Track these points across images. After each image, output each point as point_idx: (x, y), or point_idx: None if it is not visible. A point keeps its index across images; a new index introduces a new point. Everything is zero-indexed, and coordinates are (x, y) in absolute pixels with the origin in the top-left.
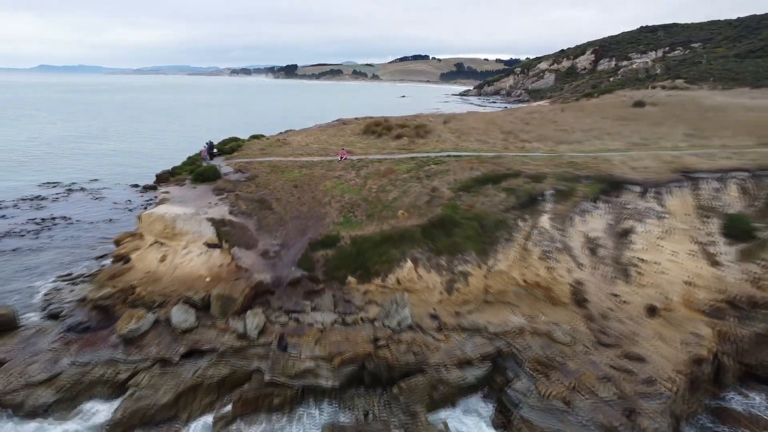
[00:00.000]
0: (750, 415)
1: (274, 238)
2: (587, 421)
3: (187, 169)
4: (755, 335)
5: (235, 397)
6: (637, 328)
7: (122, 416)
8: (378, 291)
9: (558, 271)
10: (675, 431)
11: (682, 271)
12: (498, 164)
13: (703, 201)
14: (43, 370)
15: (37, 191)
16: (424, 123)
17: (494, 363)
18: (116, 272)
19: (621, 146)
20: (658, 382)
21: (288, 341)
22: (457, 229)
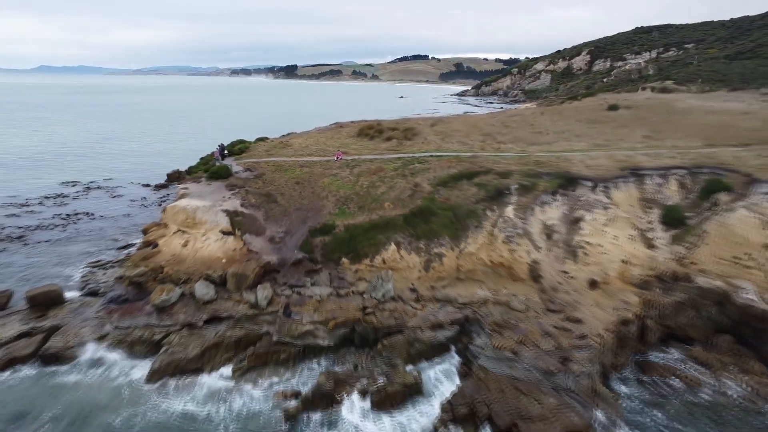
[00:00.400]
0: (666, 366)
1: (279, 226)
2: (530, 366)
3: (202, 168)
4: (675, 303)
5: (249, 353)
6: (579, 297)
7: (159, 366)
8: (367, 269)
9: (518, 253)
10: (603, 377)
11: (620, 252)
12: (473, 163)
13: (647, 194)
14: (92, 332)
15: (59, 189)
16: (412, 126)
17: (462, 327)
18: (147, 255)
19: (585, 147)
20: (589, 337)
21: (291, 309)
22: (434, 218)
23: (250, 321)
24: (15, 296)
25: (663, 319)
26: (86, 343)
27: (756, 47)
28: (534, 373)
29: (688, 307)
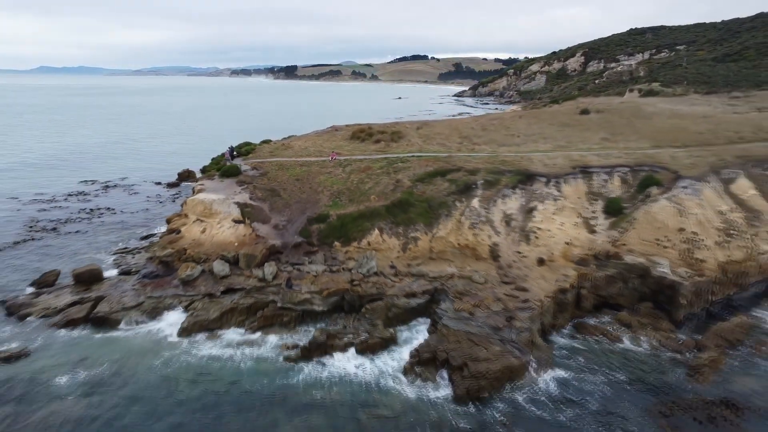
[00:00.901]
0: (596, 326)
1: (282, 216)
2: (482, 324)
3: (215, 167)
4: (607, 276)
5: (258, 316)
6: (529, 272)
7: (187, 325)
8: (354, 250)
9: (481, 237)
10: (543, 333)
11: (565, 236)
12: (447, 162)
13: (594, 188)
14: (131, 300)
15: (79, 188)
16: (399, 130)
17: (431, 296)
18: (172, 240)
19: (548, 148)
20: (531, 302)
21: (293, 282)
22: (412, 208)
23: (258, 291)
24: (61, 275)
25: (596, 290)
26: (127, 309)
27: (742, 50)
28: (485, 329)
29: (617, 280)
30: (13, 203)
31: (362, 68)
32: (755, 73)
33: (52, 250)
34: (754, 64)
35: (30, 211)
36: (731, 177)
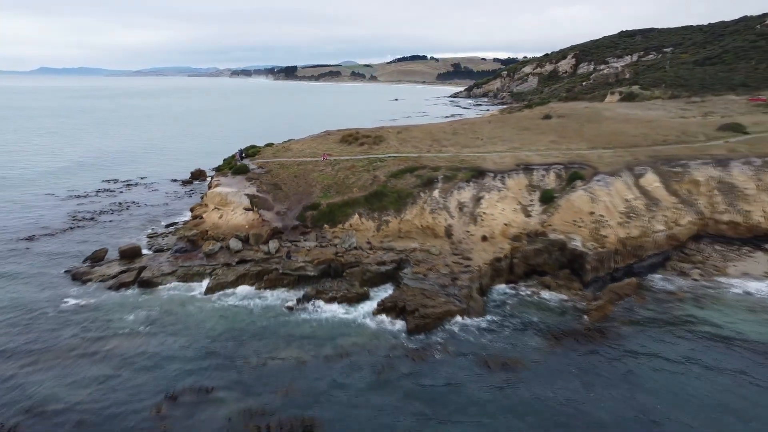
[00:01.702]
0: (526, 287)
1: (282, 204)
2: (433, 283)
3: (228, 166)
4: (535, 249)
5: (264, 279)
6: (474, 246)
7: (211, 285)
8: (340, 231)
9: (439, 220)
10: (481, 291)
11: (504, 218)
12: (416, 161)
13: (533, 182)
14: (167, 269)
15: (105, 186)
16: (381, 134)
17: (398, 264)
18: (196, 223)
19: (503, 149)
20: (472, 267)
21: (291, 254)
22: (385, 198)
23: (264, 262)
24: (108, 252)
25: (526, 260)
26: (165, 275)
27: (722, 53)
28: (435, 286)
29: (543, 252)
30: (52, 199)
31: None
32: (729, 77)
33: (95, 235)
34: (730, 68)
35: (68, 205)
36: (641, 172)
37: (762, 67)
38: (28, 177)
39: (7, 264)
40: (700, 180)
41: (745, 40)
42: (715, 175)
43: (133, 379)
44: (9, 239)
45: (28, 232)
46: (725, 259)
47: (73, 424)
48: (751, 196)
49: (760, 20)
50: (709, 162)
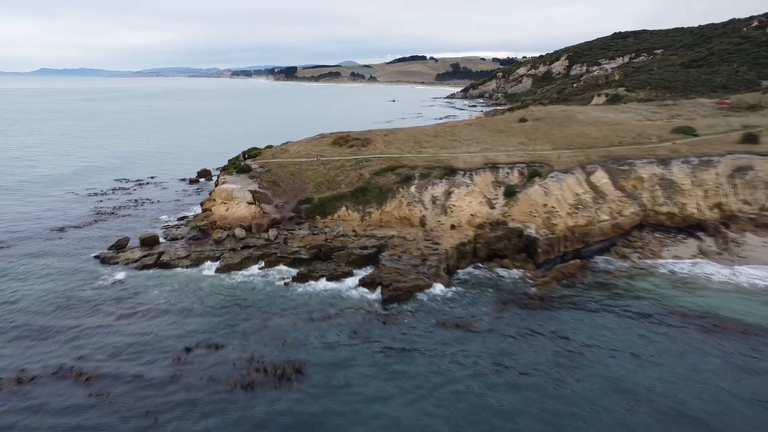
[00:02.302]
0: (487, 268)
1: (281, 199)
2: (406, 263)
3: (232, 166)
4: (496, 236)
5: (265, 261)
6: (443, 233)
7: (220, 266)
8: (329, 221)
9: (414, 211)
10: (448, 271)
11: (471, 210)
12: (397, 161)
13: (499, 178)
14: (182, 253)
15: (119, 184)
16: (369, 137)
17: (378, 249)
18: (206, 215)
19: (476, 150)
20: (440, 251)
21: (288, 241)
22: (369, 193)
23: (265, 247)
24: (130, 241)
25: (488, 245)
26: (181, 258)
27: (708, 55)
28: (407, 266)
29: (503, 238)
30: (74, 197)
31: (361, 69)
32: (711, 79)
33: (116, 227)
34: (713, 70)
35: (89, 202)
36: (592, 170)
37: (743, 69)
38: (51, 177)
39: (45, 250)
40: (644, 177)
41: (731, 43)
42: (657, 173)
43: (159, 336)
44: (44, 230)
45: (59, 224)
46: (662, 244)
47: (119, 367)
48: (686, 191)
49: (747, 23)
50: (653, 161)
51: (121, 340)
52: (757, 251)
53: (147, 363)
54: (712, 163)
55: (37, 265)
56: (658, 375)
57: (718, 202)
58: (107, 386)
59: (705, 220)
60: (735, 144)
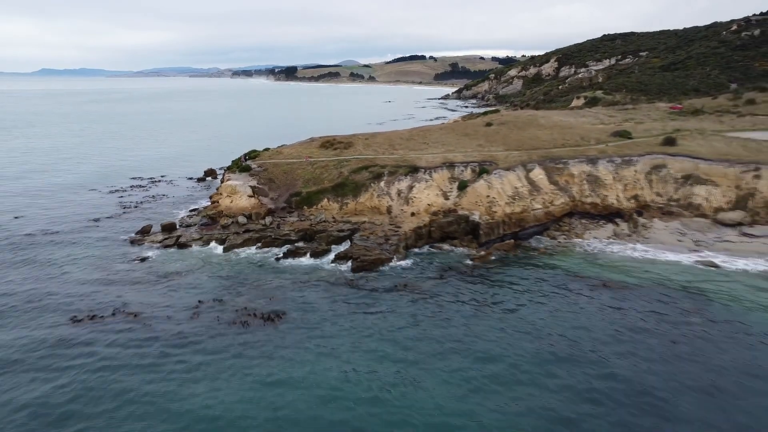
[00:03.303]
0: (439, 247)
1: (275, 193)
2: (372, 242)
3: (235, 166)
4: (448, 221)
5: (262, 242)
6: (405, 219)
7: (226, 246)
8: (314, 210)
9: (383, 202)
10: (407, 248)
11: (428, 200)
12: (371, 161)
13: (455, 175)
14: (196, 236)
15: (135, 183)
16: (352, 141)
17: (352, 231)
18: (214, 206)
19: (440, 152)
20: (400, 233)
21: (280, 226)
22: (347, 187)
23: (262, 231)
24: (153, 227)
25: (441, 228)
26: (195, 240)
27: (686, 59)
28: (373, 244)
29: (453, 223)
30: (99, 194)
31: (361, 69)
32: (684, 82)
33: (139, 217)
34: (687, 74)
35: (113, 198)
36: (531, 168)
37: (714, 73)
38: (77, 178)
39: (88, 236)
40: (575, 173)
41: (708, 46)
42: (586, 170)
43: (180, 293)
44: (82, 221)
45: (94, 217)
46: (585, 228)
47: (153, 311)
48: (608, 185)
49: (726, 26)
50: (584, 160)
51: (152, 295)
52: (659, 233)
53: (172, 308)
54: (632, 162)
55: (83, 246)
56: (548, 315)
57: (635, 194)
58: (148, 320)
59: (622, 209)
60: (656, 146)
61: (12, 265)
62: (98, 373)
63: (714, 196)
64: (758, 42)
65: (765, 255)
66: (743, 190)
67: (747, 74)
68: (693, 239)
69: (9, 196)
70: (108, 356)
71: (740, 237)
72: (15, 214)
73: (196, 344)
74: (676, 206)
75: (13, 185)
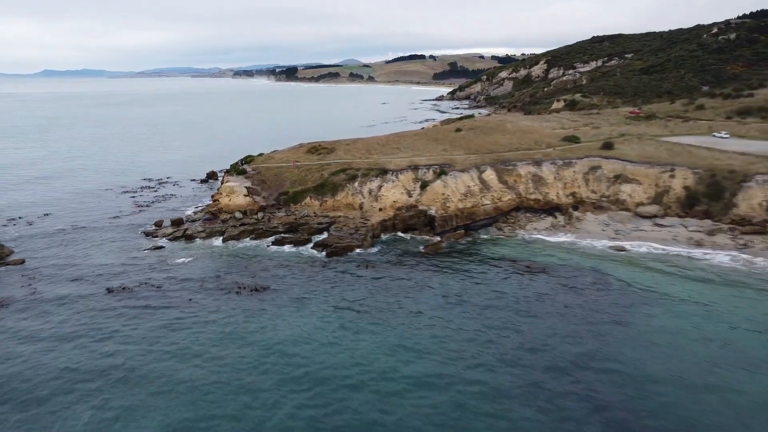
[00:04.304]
0: (401, 238)
1: (267, 192)
2: (344, 233)
3: (233, 170)
4: (410, 215)
5: (255, 233)
6: (374, 214)
7: (225, 237)
8: (298, 207)
9: (356, 199)
10: (373, 237)
11: (394, 198)
12: (349, 165)
13: (419, 176)
14: (200, 229)
15: (145, 184)
16: (334, 146)
17: (329, 224)
18: (215, 204)
19: (408, 156)
20: (368, 225)
21: (270, 220)
22: (326, 187)
23: (255, 224)
24: (164, 222)
25: (404, 221)
26: (199, 232)
27: (665, 61)
28: (345, 234)
29: (414, 217)
30: (114, 194)
31: (360, 69)
32: (659, 85)
33: (153, 213)
34: (663, 76)
35: (127, 197)
36: (484, 169)
37: (688, 76)
38: (94, 179)
39: (108, 230)
40: (522, 174)
41: (687, 49)
42: (531, 171)
43: (186, 274)
44: (104, 218)
45: (114, 214)
46: (528, 221)
47: (170, 285)
48: (550, 183)
49: (708, 29)
50: (530, 163)
51: (167, 274)
52: (589, 225)
53: (184, 283)
54: (572, 164)
55: (108, 238)
56: (473, 286)
57: (573, 191)
58: (166, 291)
59: (561, 204)
60: (596, 150)
61: (53, 254)
62: (136, 327)
63: (637, 192)
64: (733, 45)
65: (667, 241)
66: (660, 187)
67: (718, 77)
68: (614, 229)
69: (36, 196)
70: (140, 315)
71: (653, 227)
72: (45, 212)
73: (203, 307)
74: (606, 202)
75: (39, 187)
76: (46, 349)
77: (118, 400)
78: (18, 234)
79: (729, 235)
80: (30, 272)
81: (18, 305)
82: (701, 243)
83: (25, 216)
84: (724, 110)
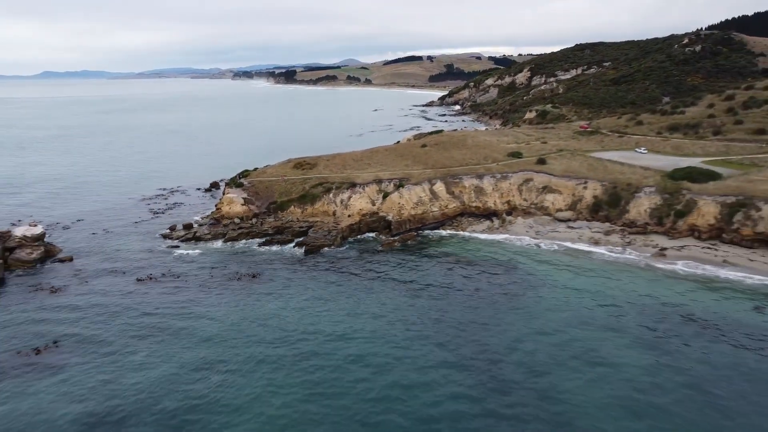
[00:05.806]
0: (365, 239)
1: (259, 202)
2: (320, 234)
3: (232, 182)
4: (373, 220)
5: (249, 235)
6: (344, 219)
7: (227, 238)
8: (285, 214)
9: (330, 207)
10: (342, 238)
11: (361, 206)
12: (326, 179)
13: (382, 188)
14: (207, 232)
15: (158, 192)
16: (317, 162)
17: (308, 228)
18: (218, 211)
19: (375, 171)
20: (339, 228)
21: (262, 224)
22: (307, 197)
23: (250, 228)
24: (177, 226)
25: (368, 225)
26: (206, 234)
27: (635, 72)
28: (320, 235)
29: (376, 222)
30: (132, 202)
31: (358, 72)
32: (624, 96)
33: (167, 219)
34: (629, 87)
35: (143, 205)
36: (434, 182)
37: (652, 87)
38: (114, 188)
39: (132, 233)
40: (466, 185)
41: (656, 60)
42: (474, 183)
43: (195, 268)
44: (130, 223)
45: (135, 220)
46: (470, 224)
47: (182, 277)
48: (488, 193)
49: (680, 40)
50: (473, 176)
51: (183, 266)
52: (517, 227)
53: (196, 273)
54: (508, 177)
55: (131, 240)
56: (415, 274)
57: (508, 200)
58: (183, 279)
59: (498, 210)
60: (531, 164)
61: (92, 252)
62: (164, 302)
63: (557, 200)
64: (698, 57)
65: (574, 240)
66: (576, 197)
67: (679, 88)
68: (536, 230)
69: (68, 205)
70: (166, 293)
71: (566, 229)
72: (78, 218)
73: (212, 290)
74: (534, 208)
75: (69, 197)
76: (103, 316)
77: (162, 346)
78: (60, 237)
79: (620, 235)
80: (79, 267)
81: (79, 289)
82: (599, 241)
83: (61, 222)
84: (657, 126)
